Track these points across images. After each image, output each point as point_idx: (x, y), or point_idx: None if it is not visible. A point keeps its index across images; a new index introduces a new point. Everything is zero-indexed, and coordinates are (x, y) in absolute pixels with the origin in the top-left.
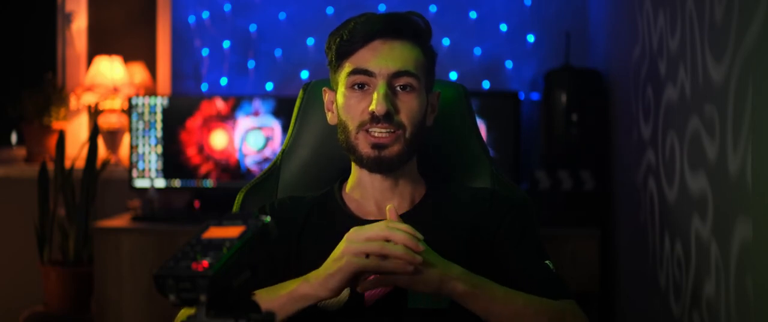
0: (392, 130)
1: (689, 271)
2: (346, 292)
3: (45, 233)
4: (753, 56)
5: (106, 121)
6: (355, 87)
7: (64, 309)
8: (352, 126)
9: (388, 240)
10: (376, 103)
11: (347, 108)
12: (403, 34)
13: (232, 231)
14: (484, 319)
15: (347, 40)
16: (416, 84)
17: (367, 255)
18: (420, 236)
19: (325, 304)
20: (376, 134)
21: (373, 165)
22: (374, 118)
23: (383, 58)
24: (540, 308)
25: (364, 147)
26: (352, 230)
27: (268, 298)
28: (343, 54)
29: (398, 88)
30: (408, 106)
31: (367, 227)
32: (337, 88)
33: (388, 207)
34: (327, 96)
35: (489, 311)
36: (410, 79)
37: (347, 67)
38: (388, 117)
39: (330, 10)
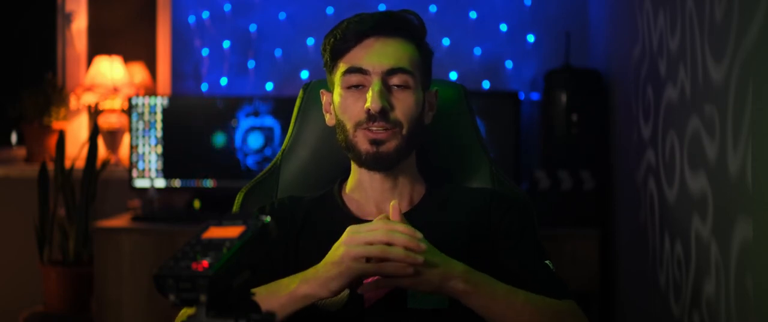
0: (389, 128)
1: (689, 271)
2: (345, 292)
3: (45, 233)
4: (753, 56)
5: (106, 121)
6: (351, 87)
7: (64, 309)
8: (349, 125)
9: (388, 243)
10: (370, 100)
11: (344, 108)
12: (397, 32)
13: (232, 231)
14: (484, 317)
15: (340, 39)
16: (411, 81)
17: (368, 258)
18: (419, 235)
19: (324, 304)
20: (373, 130)
21: (372, 161)
22: (371, 117)
23: (377, 55)
24: (540, 306)
25: (362, 144)
26: (349, 229)
27: (267, 297)
28: (337, 54)
29: (393, 86)
30: (403, 103)
31: (365, 227)
32: (333, 89)
33: (392, 203)
34: (325, 98)
35: (489, 308)
36: (405, 76)
37: (342, 67)
38: (384, 114)
39: (330, 10)
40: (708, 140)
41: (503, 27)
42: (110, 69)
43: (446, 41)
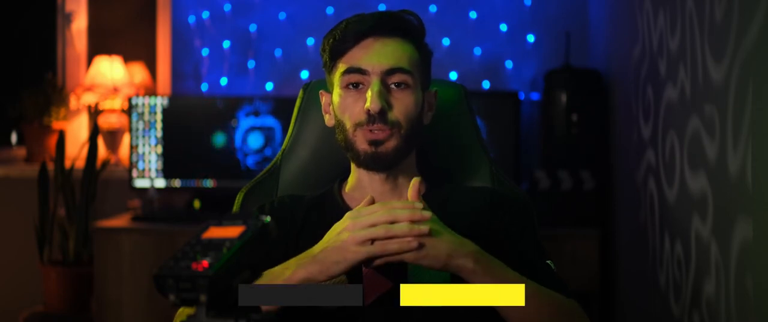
0: (387, 128)
1: (689, 271)
2: (343, 279)
3: (45, 233)
4: (753, 56)
5: (106, 121)
6: (350, 86)
7: (64, 309)
8: (349, 125)
9: (392, 222)
10: (370, 100)
11: (343, 108)
12: (396, 32)
13: (232, 231)
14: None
15: (340, 39)
16: (410, 81)
17: (372, 241)
18: (420, 206)
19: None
20: (373, 130)
21: (370, 161)
22: (370, 118)
23: (376, 55)
24: (547, 299)
25: (361, 143)
26: (348, 215)
27: None
28: (336, 54)
29: (392, 86)
30: (402, 103)
31: (366, 210)
32: (332, 89)
33: (413, 180)
34: (324, 99)
35: None
36: (404, 75)
37: (341, 67)
38: (383, 114)
39: (330, 10)
40: (708, 140)
41: (503, 27)
42: (110, 69)
43: (446, 41)
